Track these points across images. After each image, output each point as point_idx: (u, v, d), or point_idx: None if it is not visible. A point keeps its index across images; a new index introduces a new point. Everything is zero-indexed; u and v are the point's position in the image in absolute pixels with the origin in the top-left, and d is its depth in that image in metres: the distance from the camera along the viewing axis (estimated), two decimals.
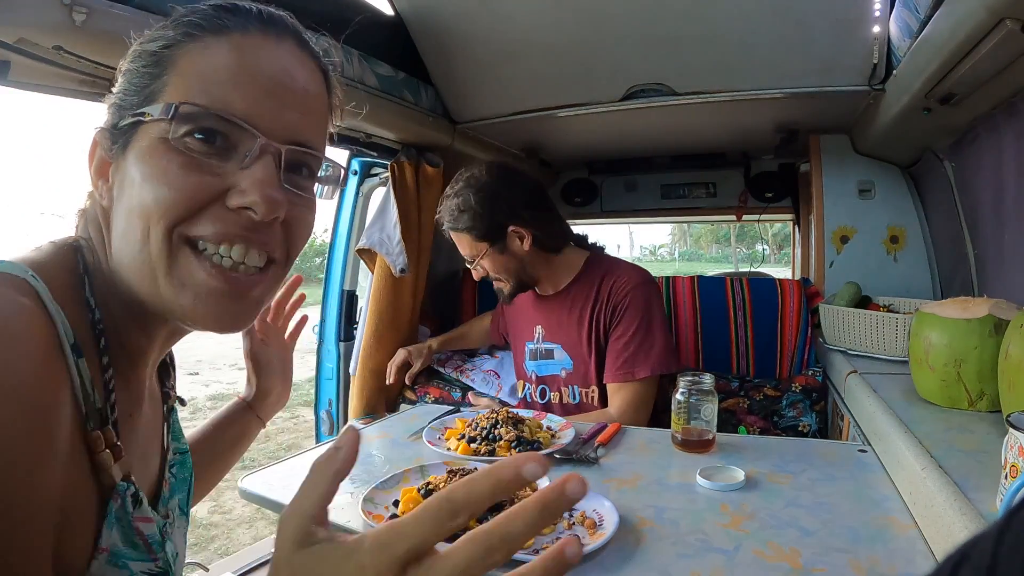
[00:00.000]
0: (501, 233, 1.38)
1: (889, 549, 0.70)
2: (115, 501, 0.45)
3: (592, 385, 1.42)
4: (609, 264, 1.47)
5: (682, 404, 1.05)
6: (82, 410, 0.43)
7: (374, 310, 1.72)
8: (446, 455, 1.04)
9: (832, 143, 1.85)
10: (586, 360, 1.42)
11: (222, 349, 7.58)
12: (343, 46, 1.32)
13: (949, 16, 0.92)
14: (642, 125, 1.91)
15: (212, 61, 0.47)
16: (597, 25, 1.41)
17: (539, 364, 1.51)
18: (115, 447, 0.45)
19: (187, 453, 0.63)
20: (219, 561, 1.79)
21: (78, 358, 0.43)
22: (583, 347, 1.42)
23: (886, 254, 1.79)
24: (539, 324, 1.50)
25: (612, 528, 0.73)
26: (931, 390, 1.01)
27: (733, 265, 22.04)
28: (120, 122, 0.47)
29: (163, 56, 0.47)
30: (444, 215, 1.40)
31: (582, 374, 1.43)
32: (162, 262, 0.45)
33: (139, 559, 0.47)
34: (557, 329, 1.47)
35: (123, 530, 0.46)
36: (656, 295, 1.42)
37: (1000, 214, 1.24)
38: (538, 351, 1.51)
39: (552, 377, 1.49)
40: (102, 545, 0.44)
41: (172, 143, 0.45)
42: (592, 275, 1.44)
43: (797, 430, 1.53)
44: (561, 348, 1.47)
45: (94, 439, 0.44)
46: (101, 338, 0.46)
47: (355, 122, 1.49)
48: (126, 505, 0.46)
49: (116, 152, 0.47)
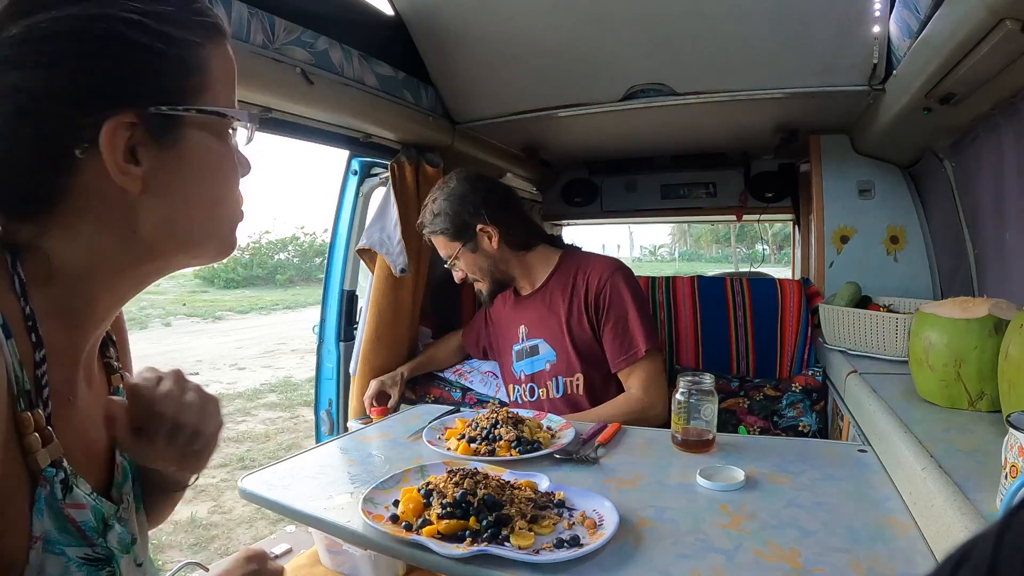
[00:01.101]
0: (471, 233, 1.49)
1: (889, 549, 0.70)
2: (43, 488, 0.44)
3: (577, 373, 1.48)
4: (582, 258, 1.56)
5: (682, 404, 1.05)
6: (13, 391, 0.42)
7: (374, 310, 1.72)
8: (446, 455, 1.04)
9: (832, 143, 1.85)
10: (567, 349, 1.49)
11: (222, 349, 7.59)
12: (343, 46, 1.32)
13: (949, 16, 0.92)
14: (642, 125, 1.91)
15: (228, 69, 0.53)
16: (597, 25, 1.41)
17: (526, 362, 1.56)
18: (43, 430, 0.44)
19: None
20: (219, 561, 1.79)
21: (8, 338, 0.42)
22: (564, 337, 1.49)
23: (886, 254, 1.79)
24: (522, 324, 1.58)
25: (612, 528, 0.73)
26: (931, 390, 1.01)
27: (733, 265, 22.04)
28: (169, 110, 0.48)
29: (198, 54, 0.50)
30: (423, 221, 1.53)
31: (565, 363, 1.50)
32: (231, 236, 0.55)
33: (74, 544, 0.46)
34: (538, 324, 1.54)
35: (54, 517, 0.45)
36: (631, 278, 1.51)
37: (1000, 214, 1.24)
38: (524, 350, 1.57)
39: (539, 373, 1.54)
40: (35, 533, 0.43)
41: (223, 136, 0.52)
42: (567, 269, 1.54)
43: (797, 430, 1.53)
44: (544, 342, 1.54)
45: (22, 420, 0.43)
46: (30, 319, 0.45)
47: (355, 122, 1.49)
48: (55, 491, 0.45)
49: (158, 139, 0.48)
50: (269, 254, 15.89)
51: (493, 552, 0.69)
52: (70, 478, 0.47)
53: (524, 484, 0.85)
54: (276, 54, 1.14)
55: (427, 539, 0.72)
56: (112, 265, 0.49)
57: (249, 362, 7.05)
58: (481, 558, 0.69)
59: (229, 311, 10.92)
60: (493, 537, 0.72)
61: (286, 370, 6.63)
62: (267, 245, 15.92)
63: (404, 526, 0.76)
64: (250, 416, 5.08)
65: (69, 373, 0.51)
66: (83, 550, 0.47)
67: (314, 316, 1.88)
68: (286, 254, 16.36)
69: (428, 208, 1.52)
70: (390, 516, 0.79)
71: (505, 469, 0.92)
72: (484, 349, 1.75)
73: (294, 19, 1.18)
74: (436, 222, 1.50)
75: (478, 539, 0.72)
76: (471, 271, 1.54)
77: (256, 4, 1.08)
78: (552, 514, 0.79)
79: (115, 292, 0.51)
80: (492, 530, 0.73)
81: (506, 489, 0.81)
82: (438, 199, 1.51)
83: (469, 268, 1.53)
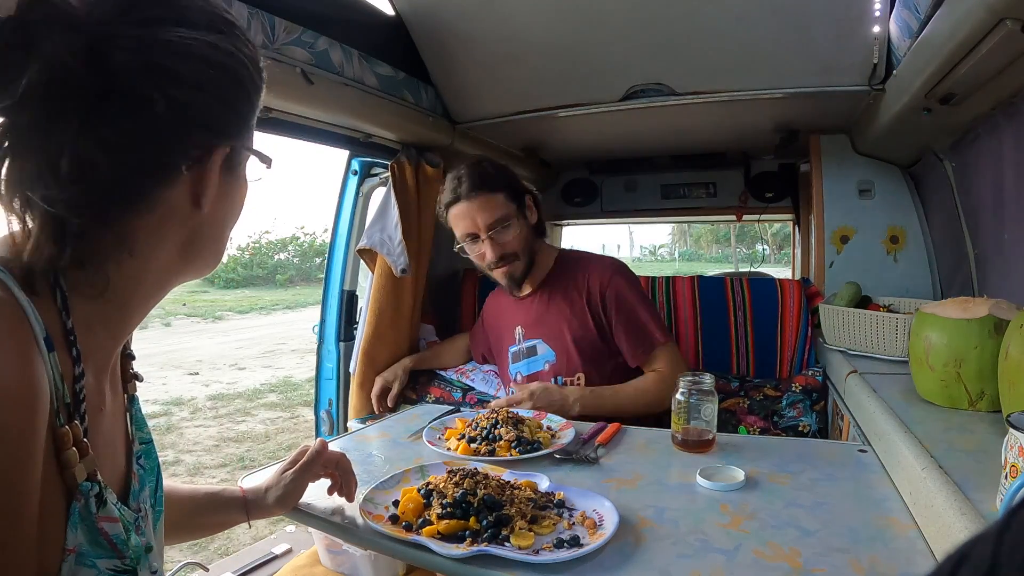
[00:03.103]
0: (523, 199, 1.46)
1: (889, 549, 0.70)
2: (78, 501, 0.45)
3: (578, 372, 1.47)
4: (580, 258, 1.55)
5: (682, 404, 1.05)
6: (53, 405, 0.43)
7: (375, 310, 1.72)
8: (446, 455, 1.04)
9: (832, 143, 1.85)
10: (568, 348, 1.47)
11: (222, 349, 7.59)
12: (343, 46, 1.32)
13: (949, 16, 0.92)
14: (642, 125, 1.91)
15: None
16: (597, 25, 1.41)
17: (523, 364, 1.54)
18: (81, 444, 0.45)
19: (151, 443, 0.61)
20: (219, 561, 1.79)
21: (50, 351, 0.43)
22: (565, 336, 1.47)
23: (886, 254, 1.79)
24: (518, 325, 1.55)
25: (612, 528, 0.73)
26: (931, 390, 1.01)
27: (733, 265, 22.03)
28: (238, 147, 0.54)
29: (255, 97, 0.54)
30: (470, 181, 1.40)
31: (565, 363, 1.48)
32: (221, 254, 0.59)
33: (106, 556, 0.46)
34: (536, 324, 1.52)
35: (87, 530, 0.45)
36: (632, 276, 1.52)
37: (1000, 214, 1.24)
38: (520, 351, 1.55)
39: (538, 374, 1.51)
40: (69, 546, 0.44)
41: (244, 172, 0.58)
42: (567, 270, 1.52)
43: (797, 430, 1.53)
44: (542, 342, 1.51)
45: (61, 435, 0.43)
46: (71, 333, 0.46)
47: (355, 122, 1.49)
48: (89, 505, 0.45)
49: (228, 169, 0.54)
50: (269, 254, 15.91)
51: (493, 552, 0.69)
52: (103, 491, 0.47)
53: (524, 484, 0.85)
54: (276, 54, 1.14)
55: (427, 539, 0.72)
56: (158, 279, 0.52)
57: (249, 362, 7.05)
58: (481, 558, 0.69)
59: (229, 311, 10.93)
60: (493, 537, 0.72)
61: (286, 370, 6.63)
62: (267, 245, 15.94)
63: (404, 526, 0.76)
64: (250, 416, 5.08)
65: (100, 383, 0.51)
66: (113, 562, 0.47)
67: (314, 316, 1.88)
68: (286, 254, 16.37)
69: (473, 171, 1.42)
70: (390, 516, 0.79)
71: (505, 469, 0.92)
72: (483, 355, 1.74)
73: (294, 19, 1.18)
74: (498, 178, 1.42)
75: (478, 539, 0.72)
76: (516, 243, 1.44)
77: (256, 4, 1.08)
78: (552, 514, 0.79)
79: (148, 304, 0.54)
80: (492, 530, 0.73)
81: (506, 489, 0.81)
82: (483, 164, 1.44)
83: (516, 238, 1.44)
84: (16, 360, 0.38)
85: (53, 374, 0.43)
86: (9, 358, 0.38)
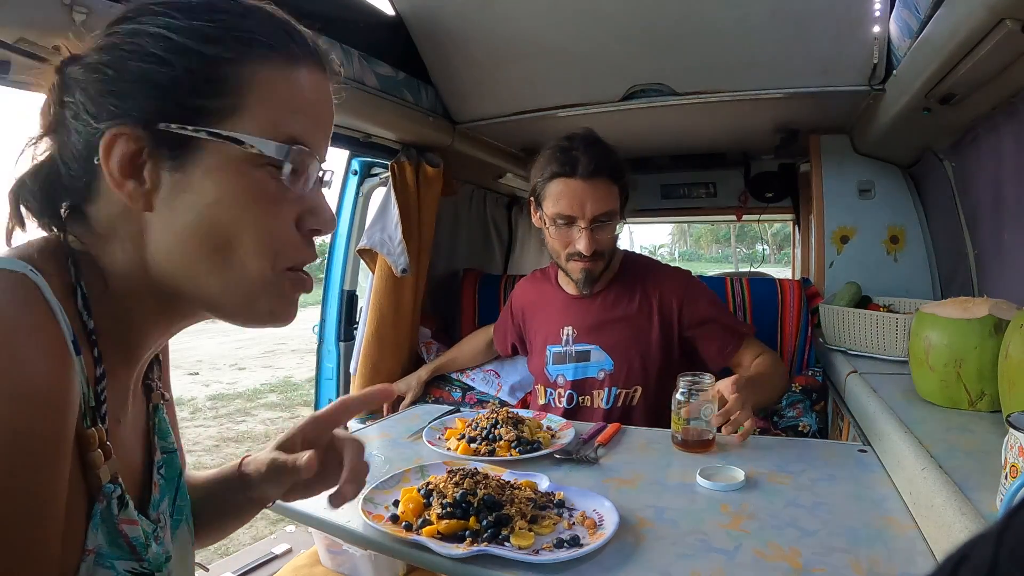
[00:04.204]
0: (628, 194, 1.37)
1: (889, 549, 0.70)
2: (100, 502, 0.45)
3: (636, 385, 1.38)
4: (649, 266, 1.49)
5: (682, 404, 1.05)
6: (81, 407, 0.43)
7: (375, 310, 1.72)
8: (446, 455, 1.04)
9: (832, 143, 1.85)
10: (630, 360, 1.38)
11: (222, 349, 7.59)
12: (343, 46, 1.32)
13: (949, 16, 0.92)
14: (642, 125, 1.90)
15: (294, 93, 0.49)
16: (597, 25, 1.41)
17: (569, 368, 1.43)
18: (105, 446, 0.45)
19: (174, 453, 0.61)
20: (219, 561, 1.79)
21: (77, 354, 0.43)
22: (630, 349, 1.38)
23: (886, 254, 1.79)
24: (569, 325, 1.43)
25: (612, 528, 0.73)
26: (931, 390, 1.01)
27: (733, 265, 22.04)
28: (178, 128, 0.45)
29: (232, 70, 0.46)
30: (591, 160, 1.27)
31: (624, 374, 1.39)
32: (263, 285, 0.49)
33: (123, 558, 0.46)
34: (594, 330, 1.41)
35: (108, 532, 0.45)
36: (701, 283, 1.48)
37: (1000, 214, 1.24)
38: (567, 354, 1.43)
39: (587, 381, 1.41)
40: (88, 547, 0.44)
41: (258, 170, 0.47)
42: (633, 276, 1.44)
43: (797, 430, 1.53)
44: (599, 349, 1.40)
45: (87, 437, 0.44)
46: (93, 334, 0.46)
47: (355, 122, 1.49)
48: (111, 507, 0.45)
49: (167, 158, 0.45)
50: None
51: (493, 552, 0.69)
52: (125, 494, 0.47)
53: (524, 484, 0.85)
54: None
55: (427, 539, 0.72)
56: (144, 285, 0.49)
57: (249, 362, 7.06)
58: (481, 558, 0.69)
59: None
60: (493, 537, 0.72)
61: (286, 370, 6.64)
62: None
63: (404, 526, 0.76)
64: (250, 416, 5.09)
65: (120, 394, 0.51)
66: (131, 564, 0.47)
67: (314, 316, 1.88)
68: None
69: (598, 149, 1.29)
70: (390, 516, 0.79)
71: (505, 469, 0.92)
72: (513, 345, 1.64)
73: (294, 19, 1.17)
74: (616, 169, 1.30)
75: (478, 539, 0.72)
76: (609, 241, 1.34)
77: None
78: (552, 514, 0.79)
79: (149, 317, 0.51)
80: (492, 530, 0.73)
81: (506, 489, 0.81)
82: (601, 143, 1.32)
83: (611, 237, 1.35)
84: (51, 363, 0.39)
85: (81, 376, 0.43)
86: (45, 361, 0.38)
